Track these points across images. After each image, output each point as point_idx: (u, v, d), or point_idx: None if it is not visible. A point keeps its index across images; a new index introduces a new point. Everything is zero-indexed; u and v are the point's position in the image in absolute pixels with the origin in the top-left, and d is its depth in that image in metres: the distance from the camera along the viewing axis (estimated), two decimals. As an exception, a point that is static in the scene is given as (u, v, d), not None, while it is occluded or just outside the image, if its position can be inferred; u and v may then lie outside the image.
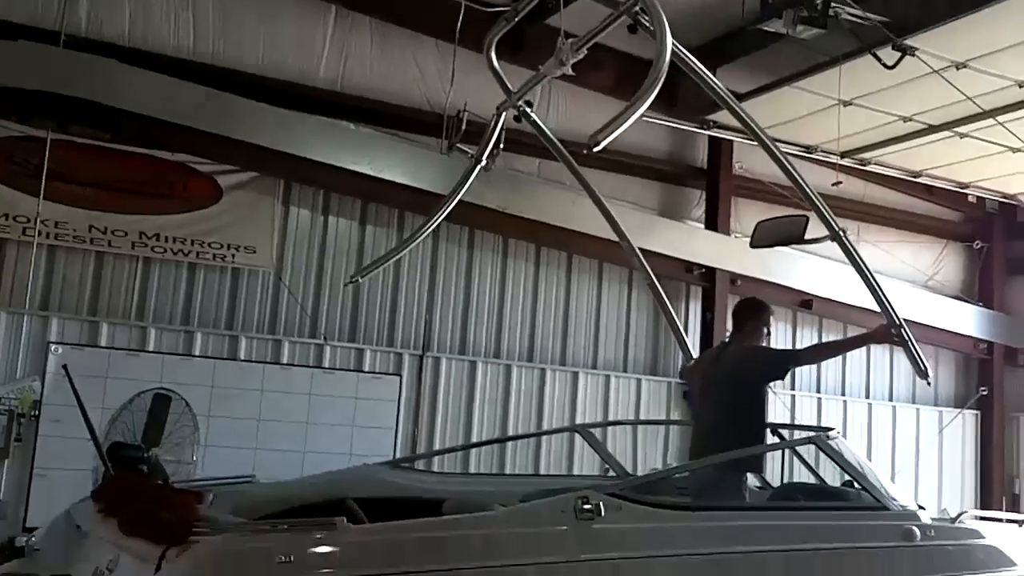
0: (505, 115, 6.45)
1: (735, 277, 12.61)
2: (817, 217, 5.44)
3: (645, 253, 7.37)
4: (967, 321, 14.52)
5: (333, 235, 11.00)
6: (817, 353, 7.35)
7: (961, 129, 11.14)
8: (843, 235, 5.44)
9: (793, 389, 13.23)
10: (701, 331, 12.62)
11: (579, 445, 10.54)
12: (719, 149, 12.74)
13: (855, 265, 5.52)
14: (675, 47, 4.72)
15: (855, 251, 5.51)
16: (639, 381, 12.29)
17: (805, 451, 6.83)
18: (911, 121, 11.19)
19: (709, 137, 12.42)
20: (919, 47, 9.14)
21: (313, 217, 10.93)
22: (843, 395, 13.87)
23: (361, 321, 10.99)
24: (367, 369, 10.68)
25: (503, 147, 6.87)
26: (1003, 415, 14.81)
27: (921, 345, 5.67)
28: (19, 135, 9.63)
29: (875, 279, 5.53)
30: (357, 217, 11.13)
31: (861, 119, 11.06)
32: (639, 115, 4.40)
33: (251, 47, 10.58)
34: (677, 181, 13.03)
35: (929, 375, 5.70)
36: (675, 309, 10.11)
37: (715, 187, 12.85)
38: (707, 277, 12.63)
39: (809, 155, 12.10)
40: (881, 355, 14.02)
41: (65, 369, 5.79)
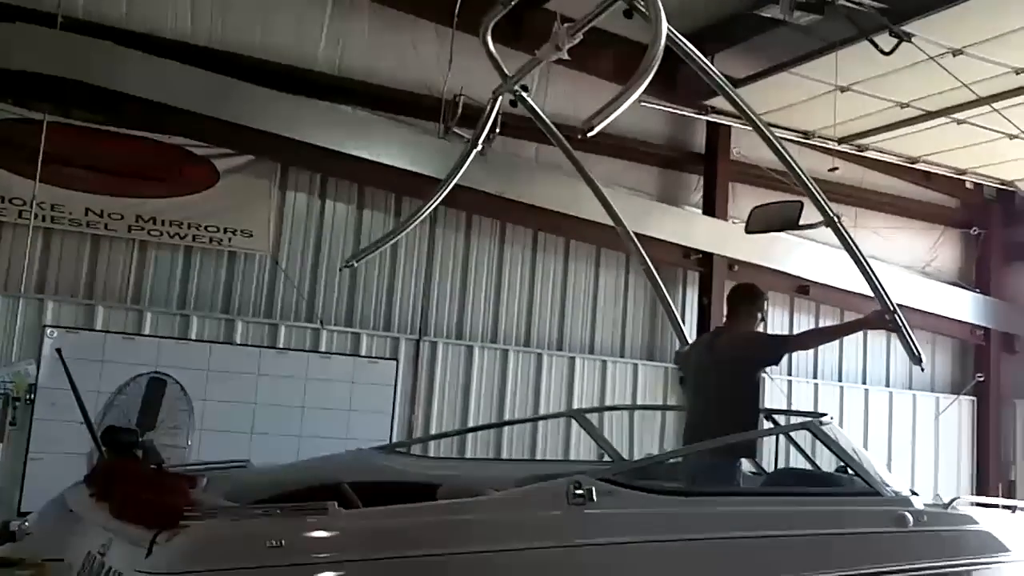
0: (501, 100, 6.43)
1: (732, 263, 12.61)
2: (812, 203, 5.44)
3: (642, 238, 7.33)
4: (964, 307, 14.56)
5: (330, 219, 10.97)
6: (811, 339, 7.34)
7: (958, 116, 11.17)
8: (838, 221, 5.44)
9: (790, 375, 13.26)
10: (698, 317, 12.64)
11: (576, 430, 10.54)
12: (717, 134, 12.73)
13: (849, 251, 5.51)
14: (670, 32, 4.70)
15: (849, 237, 5.50)
16: (636, 366, 12.32)
17: (799, 437, 6.86)
18: (908, 107, 11.21)
19: (707, 122, 12.42)
20: (916, 33, 9.17)
21: (310, 201, 10.90)
22: (840, 381, 13.90)
23: (358, 305, 10.97)
24: (363, 354, 10.68)
25: (501, 132, 6.86)
26: (999, 401, 14.88)
27: (918, 331, 5.69)
28: (16, 118, 9.59)
29: (869, 265, 5.53)
30: (354, 201, 11.10)
31: (858, 105, 11.08)
32: (633, 100, 4.39)
33: (249, 30, 10.55)
34: (675, 166, 13.01)
35: (923, 360, 5.70)
36: (672, 295, 10.13)
37: (713, 172, 12.85)
38: (704, 263, 12.63)
39: (807, 141, 12.12)
40: (878, 341, 14.01)
41: (59, 353, 5.81)
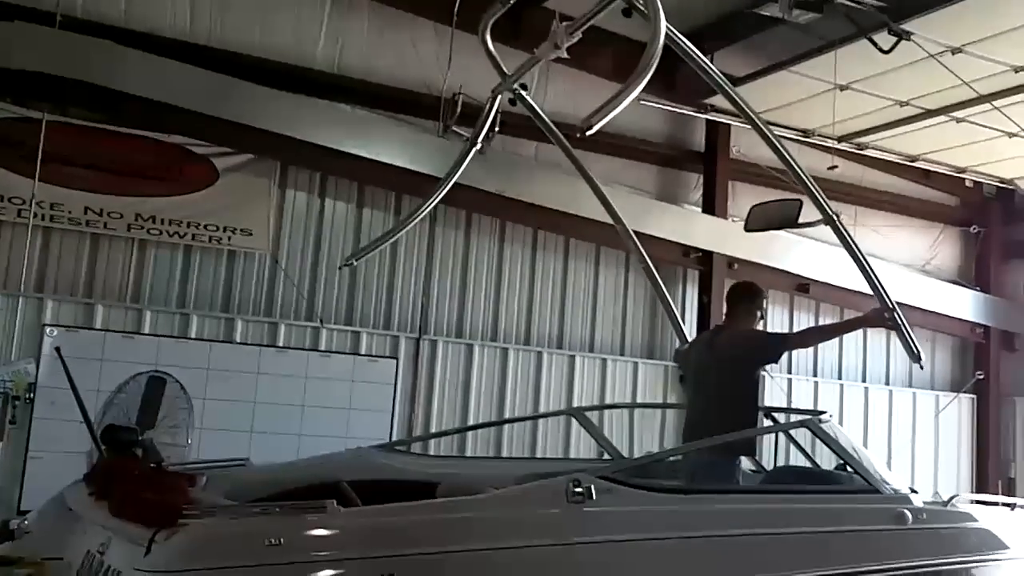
0: (500, 98, 6.42)
1: (732, 261, 12.60)
2: (811, 201, 5.43)
3: (642, 237, 7.34)
4: (964, 305, 14.55)
5: (329, 218, 10.97)
6: (810, 337, 7.32)
7: (958, 114, 11.15)
8: (837, 219, 5.43)
9: (789, 373, 13.26)
10: (698, 315, 12.63)
11: (576, 428, 10.51)
12: (717, 133, 12.71)
13: (848, 249, 5.51)
14: (669, 31, 4.69)
15: (849, 235, 5.50)
16: (636, 364, 12.32)
17: (799, 435, 6.86)
18: (908, 105, 11.19)
19: (707, 121, 12.41)
20: (915, 32, 9.16)
21: (309, 200, 10.90)
22: (839, 379, 13.90)
23: (357, 304, 10.97)
24: (363, 352, 10.68)
25: (500, 130, 6.85)
26: (999, 399, 14.87)
27: (918, 329, 5.69)
28: (15, 116, 9.59)
29: (868, 263, 5.53)
30: (354, 200, 11.10)
31: (858, 103, 11.06)
32: (631, 99, 4.37)
33: (248, 29, 10.54)
34: (675, 165, 13.00)
35: (922, 359, 5.71)
36: (671, 293, 10.15)
37: (712, 171, 12.84)
38: (704, 261, 12.63)
39: (806, 139, 12.11)
40: (878, 339, 14.00)
41: (58, 351, 5.81)
